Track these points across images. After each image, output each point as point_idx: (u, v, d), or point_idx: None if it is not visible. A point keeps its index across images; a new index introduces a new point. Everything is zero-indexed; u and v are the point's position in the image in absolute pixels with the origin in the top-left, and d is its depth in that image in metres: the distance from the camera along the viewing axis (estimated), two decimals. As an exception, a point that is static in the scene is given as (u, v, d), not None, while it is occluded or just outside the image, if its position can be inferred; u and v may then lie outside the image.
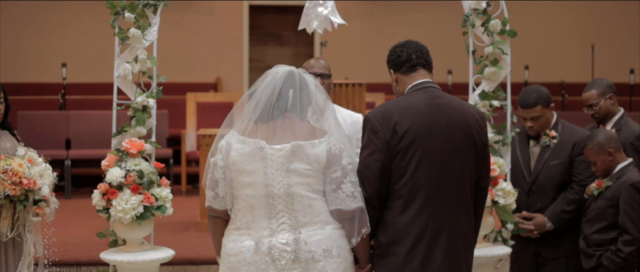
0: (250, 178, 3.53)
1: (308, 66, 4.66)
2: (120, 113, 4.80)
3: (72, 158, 9.45)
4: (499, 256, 4.88)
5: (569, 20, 13.58)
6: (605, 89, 5.06)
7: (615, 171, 4.68)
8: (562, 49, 13.45)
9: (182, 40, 12.81)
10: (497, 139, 4.98)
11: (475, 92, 5.01)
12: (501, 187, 4.79)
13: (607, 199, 4.65)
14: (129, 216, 4.41)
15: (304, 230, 3.51)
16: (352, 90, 7.54)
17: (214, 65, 13.18)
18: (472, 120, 3.71)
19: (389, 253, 3.62)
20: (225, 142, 3.60)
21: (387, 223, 3.64)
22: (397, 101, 3.72)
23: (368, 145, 3.64)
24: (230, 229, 3.62)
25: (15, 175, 4.31)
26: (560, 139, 5.00)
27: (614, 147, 4.67)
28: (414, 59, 3.76)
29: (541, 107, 4.95)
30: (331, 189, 3.54)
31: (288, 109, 3.58)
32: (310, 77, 3.67)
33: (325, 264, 3.50)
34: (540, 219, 4.97)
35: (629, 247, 4.55)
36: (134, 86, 4.74)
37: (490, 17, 4.94)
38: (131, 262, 4.51)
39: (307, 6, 4.82)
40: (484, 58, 4.99)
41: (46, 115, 10.11)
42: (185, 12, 12.87)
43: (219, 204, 3.64)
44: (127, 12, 4.68)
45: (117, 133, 4.71)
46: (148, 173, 4.53)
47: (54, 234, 4.74)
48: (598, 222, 4.68)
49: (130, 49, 4.72)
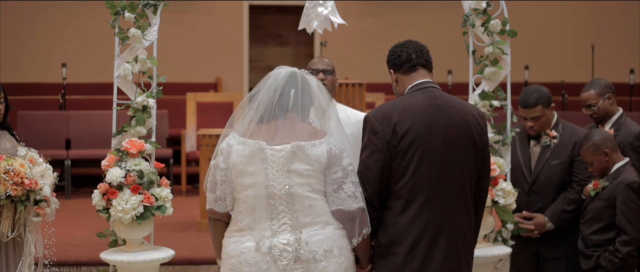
0: (251, 179, 3.53)
1: (312, 64, 4.67)
2: (120, 113, 4.80)
3: (72, 158, 9.45)
4: (499, 256, 4.88)
5: (569, 20, 13.57)
6: (604, 89, 5.07)
7: (611, 171, 4.68)
8: (562, 49, 13.44)
9: (182, 40, 12.80)
10: (497, 139, 4.99)
11: (475, 92, 5.01)
12: (501, 187, 4.79)
13: (604, 200, 4.65)
14: (129, 216, 4.41)
15: (305, 230, 3.51)
16: (352, 90, 7.54)
17: (214, 65, 13.17)
18: (472, 120, 3.71)
19: (389, 253, 3.62)
20: (226, 144, 3.60)
21: (387, 223, 3.64)
22: (397, 101, 3.72)
23: (368, 145, 3.64)
24: (231, 230, 3.62)
25: (17, 175, 4.31)
26: (560, 139, 5.00)
27: (610, 147, 4.67)
28: (413, 59, 3.76)
29: (542, 107, 4.95)
30: (332, 190, 3.53)
31: (289, 109, 3.57)
32: (313, 78, 3.67)
33: (326, 264, 3.50)
34: (541, 219, 4.97)
35: (626, 248, 4.55)
36: (134, 86, 4.75)
37: (490, 17, 4.95)
38: (131, 262, 4.51)
39: (307, 6, 4.82)
40: (484, 58, 4.99)
41: (46, 115, 10.10)
42: (185, 12, 12.86)
43: (220, 207, 3.63)
44: (127, 12, 4.69)
45: (117, 133, 4.71)
46: (148, 173, 4.53)
47: (54, 234, 4.73)
48: (596, 222, 4.68)
49: (130, 49, 4.72)
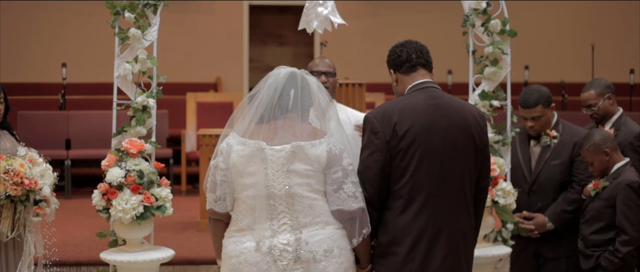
0: (251, 179, 3.53)
1: (313, 65, 4.67)
2: (120, 113, 4.80)
3: (72, 158, 9.45)
4: (499, 256, 4.88)
5: (569, 20, 13.57)
6: (604, 89, 5.07)
7: (612, 171, 4.68)
8: (562, 49, 13.44)
9: (182, 40, 12.80)
10: (497, 139, 4.98)
11: (475, 92, 5.01)
12: (501, 187, 4.79)
13: (604, 200, 4.65)
14: (129, 216, 4.41)
15: (305, 230, 3.51)
16: (352, 90, 7.54)
17: (214, 65, 13.17)
18: (472, 120, 3.71)
19: (389, 253, 3.62)
20: (226, 144, 3.60)
21: (387, 223, 3.64)
22: (397, 101, 3.72)
23: (368, 145, 3.64)
24: (231, 230, 3.62)
25: (16, 175, 4.31)
26: (560, 139, 5.00)
27: (610, 147, 4.67)
28: (413, 59, 3.75)
29: (542, 107, 4.95)
30: (332, 190, 3.53)
31: (289, 109, 3.57)
32: (313, 78, 3.67)
33: (326, 264, 3.50)
34: (541, 219, 4.97)
35: (626, 247, 4.55)
36: (134, 86, 4.74)
37: (490, 17, 4.94)
38: (131, 262, 4.51)
39: (307, 6, 4.82)
40: (484, 58, 4.99)
41: (46, 115, 10.10)
42: (185, 12, 12.87)
43: (220, 207, 3.63)
44: (127, 12, 4.69)
45: (117, 133, 4.71)
46: (148, 173, 4.53)
47: (54, 234, 4.73)
48: (596, 222, 4.68)
49: (130, 49, 4.72)
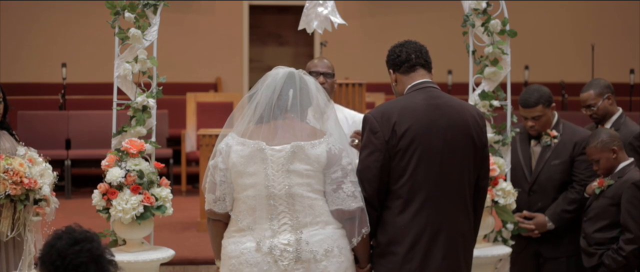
0: (251, 180, 3.53)
1: (312, 65, 4.67)
2: (120, 113, 4.80)
3: (72, 158, 9.44)
4: (499, 256, 4.88)
5: (569, 20, 13.56)
6: (603, 89, 5.06)
7: (617, 170, 4.68)
8: (562, 49, 13.44)
9: (182, 40, 12.79)
10: (497, 139, 4.98)
11: (475, 92, 5.01)
12: (501, 187, 4.79)
13: (608, 198, 4.65)
14: (129, 216, 4.41)
15: (306, 230, 3.51)
16: (352, 90, 7.53)
17: (214, 65, 13.16)
18: (472, 120, 3.71)
19: (388, 253, 3.63)
20: (225, 144, 3.59)
21: (386, 223, 3.64)
22: (396, 101, 3.72)
23: (367, 145, 3.64)
24: (231, 231, 3.61)
25: (16, 174, 4.31)
26: (561, 138, 5.00)
27: (617, 145, 4.68)
28: (413, 59, 3.76)
29: (542, 107, 4.95)
30: (332, 189, 3.53)
31: (288, 109, 3.57)
32: (311, 78, 3.67)
33: (327, 264, 3.51)
34: (541, 219, 4.97)
35: (630, 246, 4.56)
36: (134, 86, 4.74)
37: (490, 17, 4.94)
38: (131, 262, 4.51)
39: (307, 6, 4.82)
40: (484, 58, 4.99)
41: (46, 115, 10.09)
42: (185, 12, 12.86)
43: (219, 207, 3.63)
44: (127, 12, 4.68)
45: (117, 133, 4.71)
46: (148, 173, 4.53)
47: (54, 234, 4.73)
48: (599, 220, 4.68)
49: (130, 49, 4.72)
